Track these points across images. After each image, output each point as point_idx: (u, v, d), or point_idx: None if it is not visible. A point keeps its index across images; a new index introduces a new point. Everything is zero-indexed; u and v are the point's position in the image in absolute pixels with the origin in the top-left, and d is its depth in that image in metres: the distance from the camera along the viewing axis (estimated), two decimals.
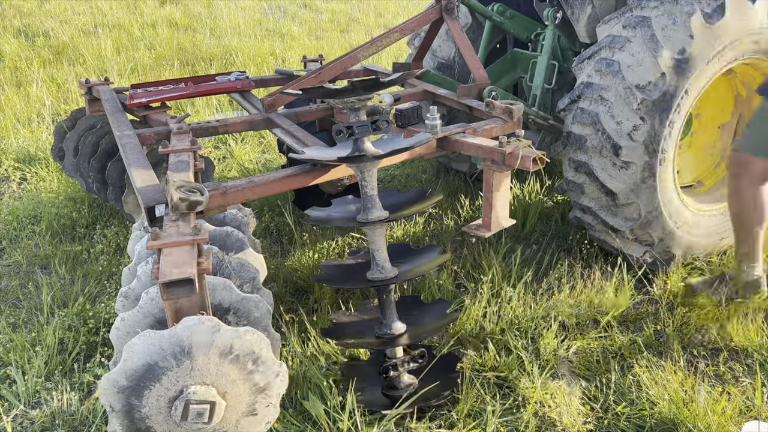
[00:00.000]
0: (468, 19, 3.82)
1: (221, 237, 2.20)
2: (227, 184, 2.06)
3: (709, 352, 2.66)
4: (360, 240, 3.52)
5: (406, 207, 2.38)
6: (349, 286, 2.33)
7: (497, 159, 2.30)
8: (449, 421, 2.21)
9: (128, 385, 1.65)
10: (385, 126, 2.14)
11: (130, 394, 1.66)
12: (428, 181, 4.31)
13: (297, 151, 2.36)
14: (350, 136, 2.09)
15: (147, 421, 1.71)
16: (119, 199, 3.25)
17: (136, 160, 2.31)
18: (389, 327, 2.25)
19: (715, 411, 2.16)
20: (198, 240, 1.69)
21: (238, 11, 10.07)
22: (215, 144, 5.20)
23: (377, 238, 2.20)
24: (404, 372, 2.28)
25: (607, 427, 2.23)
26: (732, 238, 3.25)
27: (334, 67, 3.04)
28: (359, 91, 2.05)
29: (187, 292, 1.54)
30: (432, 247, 2.53)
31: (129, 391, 1.66)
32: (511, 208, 2.62)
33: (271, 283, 2.96)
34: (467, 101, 3.10)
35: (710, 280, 2.83)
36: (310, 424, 2.15)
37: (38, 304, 2.89)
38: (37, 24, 8.44)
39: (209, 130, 2.84)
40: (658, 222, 2.87)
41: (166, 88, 3.27)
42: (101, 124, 3.56)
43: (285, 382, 1.83)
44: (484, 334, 2.61)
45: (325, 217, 2.39)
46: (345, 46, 8.41)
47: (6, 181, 4.44)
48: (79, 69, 6.93)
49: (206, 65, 7.30)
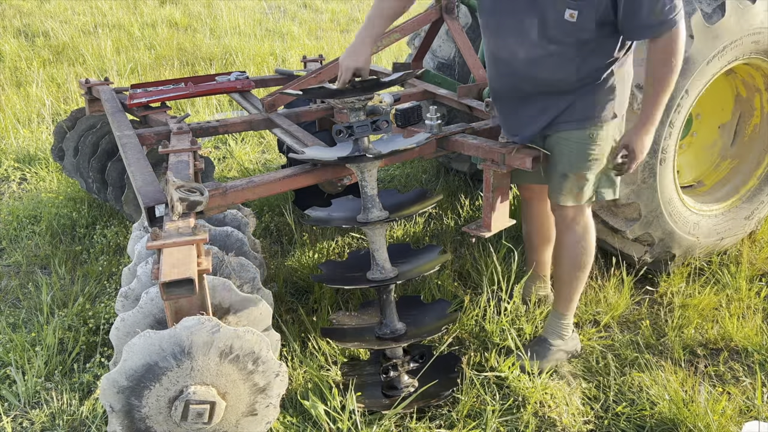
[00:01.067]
0: (468, 19, 3.82)
1: (221, 237, 2.20)
2: (227, 184, 2.05)
3: (709, 352, 2.66)
4: (360, 240, 3.52)
5: (407, 207, 2.38)
6: (349, 286, 2.33)
7: (497, 159, 2.29)
8: (449, 421, 2.21)
9: (128, 386, 1.65)
10: (386, 126, 2.13)
11: (130, 394, 1.66)
12: (428, 181, 4.31)
13: (297, 151, 2.36)
14: (350, 136, 2.09)
15: (147, 422, 1.71)
16: (119, 199, 3.25)
17: (136, 160, 2.31)
18: (389, 327, 2.25)
19: (715, 411, 2.16)
20: (198, 240, 1.69)
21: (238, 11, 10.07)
22: (215, 144, 5.20)
23: (377, 238, 2.20)
24: (404, 372, 2.28)
25: (607, 427, 2.23)
26: (732, 237, 3.26)
27: (334, 67, 3.04)
28: (359, 91, 2.05)
29: (187, 293, 1.54)
30: (432, 247, 2.52)
31: (129, 392, 1.66)
32: (511, 208, 2.62)
33: (271, 283, 2.96)
34: (467, 101, 3.10)
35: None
36: (310, 424, 2.15)
37: (38, 304, 2.89)
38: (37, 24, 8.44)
39: (209, 130, 2.84)
40: (658, 222, 2.87)
41: (166, 88, 3.27)
42: (101, 124, 3.56)
43: (285, 382, 1.83)
44: (484, 334, 2.61)
45: (325, 217, 2.39)
46: (345, 46, 8.39)
47: (6, 181, 4.44)
48: (79, 69, 6.93)
49: (206, 65, 7.30)
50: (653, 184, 2.77)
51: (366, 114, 2.16)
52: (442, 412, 2.25)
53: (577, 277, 2.47)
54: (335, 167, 2.30)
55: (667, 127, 2.70)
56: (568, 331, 2.56)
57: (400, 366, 2.27)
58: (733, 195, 3.28)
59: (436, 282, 2.94)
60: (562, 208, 2.40)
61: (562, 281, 2.51)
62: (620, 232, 2.90)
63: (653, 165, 2.73)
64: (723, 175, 3.35)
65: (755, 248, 3.37)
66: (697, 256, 3.16)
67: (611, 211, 2.86)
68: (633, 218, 2.84)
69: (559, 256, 2.50)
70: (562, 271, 2.50)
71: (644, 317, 2.86)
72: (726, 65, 2.79)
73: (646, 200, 2.79)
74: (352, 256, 2.64)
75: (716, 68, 2.74)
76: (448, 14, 3.33)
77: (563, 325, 2.54)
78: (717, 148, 3.37)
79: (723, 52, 2.72)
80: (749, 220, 3.30)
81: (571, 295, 2.51)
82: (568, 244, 2.44)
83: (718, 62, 2.73)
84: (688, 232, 3.01)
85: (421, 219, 3.69)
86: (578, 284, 2.49)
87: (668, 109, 2.66)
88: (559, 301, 2.54)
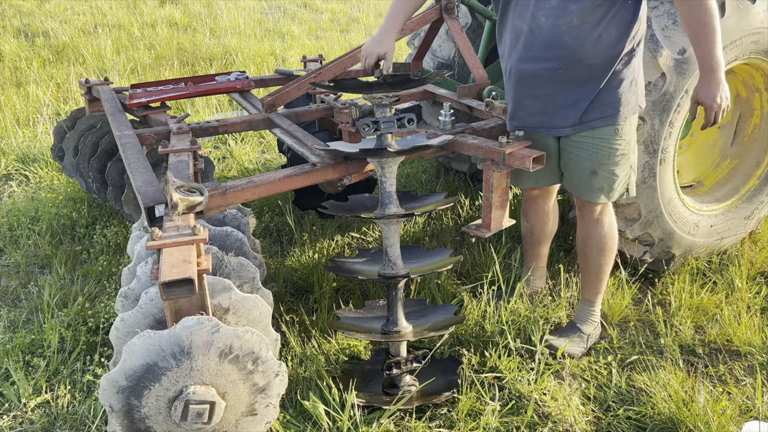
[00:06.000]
0: (468, 19, 3.82)
1: (221, 237, 2.20)
2: (227, 184, 2.05)
3: (709, 352, 2.66)
4: (360, 240, 3.52)
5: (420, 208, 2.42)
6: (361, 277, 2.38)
7: (497, 159, 2.29)
8: (449, 421, 2.21)
9: (128, 386, 1.65)
10: (411, 124, 2.15)
11: (130, 394, 1.66)
12: (428, 181, 4.31)
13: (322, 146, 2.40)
14: (376, 131, 2.11)
15: (147, 422, 1.71)
16: (119, 199, 3.25)
17: (136, 160, 2.31)
18: (396, 323, 2.26)
19: (715, 411, 2.15)
20: (197, 240, 1.69)
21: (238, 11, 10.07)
22: (215, 144, 5.20)
23: (392, 234, 2.23)
24: (406, 372, 2.29)
25: (607, 427, 2.23)
26: (732, 237, 3.25)
27: (334, 67, 3.04)
28: (389, 87, 2.06)
29: (187, 293, 1.54)
30: (442, 250, 2.61)
31: (128, 392, 1.66)
32: (511, 208, 2.62)
33: (271, 283, 2.96)
34: (467, 101, 3.10)
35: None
36: (310, 424, 2.15)
37: (38, 304, 2.89)
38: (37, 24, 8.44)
39: (209, 130, 2.84)
40: (658, 222, 2.87)
41: (166, 88, 3.27)
42: (101, 124, 3.56)
43: (285, 382, 1.83)
44: (484, 334, 2.61)
45: (344, 207, 2.48)
46: (345, 46, 8.41)
47: (6, 181, 4.44)
48: (79, 69, 6.93)
49: (206, 65, 7.30)
50: (653, 184, 2.77)
51: (363, 114, 2.17)
52: (442, 412, 2.25)
53: (606, 264, 2.58)
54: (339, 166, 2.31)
55: (667, 127, 2.70)
56: (597, 317, 2.68)
57: (402, 365, 2.28)
58: (733, 195, 3.28)
59: (436, 282, 2.94)
60: (591, 204, 2.44)
61: (592, 270, 2.60)
62: (620, 232, 2.89)
63: (653, 165, 2.73)
64: (723, 175, 3.34)
65: (755, 248, 3.37)
66: (697, 256, 3.16)
67: None
68: (633, 218, 2.84)
69: (588, 248, 2.57)
70: (593, 261, 2.58)
71: (644, 317, 2.86)
72: (726, 65, 2.78)
73: (646, 200, 2.79)
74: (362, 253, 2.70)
75: None
76: (448, 14, 3.33)
77: (594, 312, 2.67)
78: (717, 148, 3.36)
79: (723, 52, 2.71)
80: (749, 220, 3.30)
81: (600, 282, 2.63)
82: (596, 237, 2.53)
83: None
84: (688, 232, 3.01)
85: (421, 219, 3.69)
86: (606, 270, 2.61)
87: (668, 109, 2.66)
88: (590, 288, 2.65)
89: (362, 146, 2.18)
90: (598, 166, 2.34)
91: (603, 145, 2.30)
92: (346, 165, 2.32)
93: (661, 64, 2.59)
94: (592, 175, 2.36)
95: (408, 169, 4.51)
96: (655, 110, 2.64)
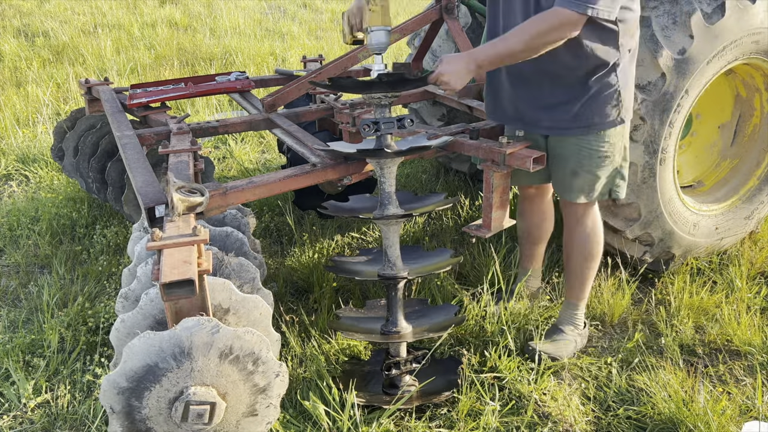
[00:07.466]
0: (468, 19, 3.82)
1: (221, 237, 2.20)
2: (227, 185, 2.05)
3: (709, 352, 2.66)
4: (361, 240, 3.52)
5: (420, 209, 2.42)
6: (361, 278, 2.38)
7: (497, 159, 2.29)
8: (449, 421, 2.21)
9: (128, 387, 1.65)
10: (410, 125, 2.15)
11: (131, 395, 1.66)
12: (428, 181, 4.31)
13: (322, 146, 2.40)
14: (376, 132, 2.11)
15: (147, 423, 1.71)
16: (119, 200, 3.25)
17: (136, 160, 2.31)
18: (395, 324, 2.26)
19: (715, 411, 2.16)
20: (198, 241, 1.69)
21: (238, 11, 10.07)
22: (215, 144, 5.20)
23: (391, 235, 2.23)
24: (406, 372, 2.29)
25: (607, 427, 2.23)
26: (732, 237, 3.25)
27: (334, 67, 3.04)
28: (386, 87, 2.05)
29: (187, 293, 1.54)
30: (443, 250, 2.59)
31: (129, 393, 1.66)
32: (511, 208, 2.62)
33: (271, 283, 2.96)
34: (467, 101, 3.10)
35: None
36: (310, 424, 2.15)
37: (38, 304, 2.89)
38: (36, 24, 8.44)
39: (209, 130, 2.84)
40: (658, 222, 2.87)
41: (166, 88, 3.27)
42: (101, 124, 3.56)
43: (285, 383, 1.83)
44: (484, 334, 2.61)
45: (344, 207, 2.47)
46: (345, 46, 8.40)
47: (6, 181, 4.44)
48: (79, 69, 6.93)
49: (206, 65, 7.30)
50: (653, 184, 2.77)
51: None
52: (442, 412, 2.25)
53: (588, 268, 2.55)
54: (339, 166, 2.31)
55: (667, 127, 2.70)
56: (580, 321, 2.64)
57: (402, 365, 2.28)
58: (732, 195, 3.28)
59: (436, 282, 2.94)
60: (573, 204, 2.43)
61: (574, 273, 2.58)
62: (620, 232, 2.90)
63: (653, 165, 2.73)
64: (723, 175, 3.34)
65: (755, 248, 3.37)
66: (697, 256, 3.16)
67: (611, 211, 2.86)
68: (633, 218, 2.84)
69: (570, 249, 2.56)
70: (574, 264, 2.56)
71: (644, 317, 2.86)
72: (726, 65, 2.79)
73: (646, 200, 2.79)
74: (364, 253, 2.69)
75: (716, 68, 2.74)
76: (448, 14, 3.33)
77: (576, 315, 2.64)
78: (717, 148, 3.36)
79: (723, 52, 2.72)
80: (749, 220, 3.30)
81: (583, 285, 2.60)
82: (578, 238, 2.51)
83: (718, 62, 2.73)
84: (687, 232, 3.01)
85: (421, 219, 3.69)
86: (589, 274, 2.57)
87: (668, 109, 2.66)
88: (572, 291, 2.63)
89: (361, 147, 2.17)
90: (579, 166, 2.33)
91: (585, 146, 2.30)
92: (346, 165, 2.32)
93: (661, 64, 2.59)
94: (573, 175, 2.36)
95: (408, 169, 4.51)
96: (655, 110, 2.64)
